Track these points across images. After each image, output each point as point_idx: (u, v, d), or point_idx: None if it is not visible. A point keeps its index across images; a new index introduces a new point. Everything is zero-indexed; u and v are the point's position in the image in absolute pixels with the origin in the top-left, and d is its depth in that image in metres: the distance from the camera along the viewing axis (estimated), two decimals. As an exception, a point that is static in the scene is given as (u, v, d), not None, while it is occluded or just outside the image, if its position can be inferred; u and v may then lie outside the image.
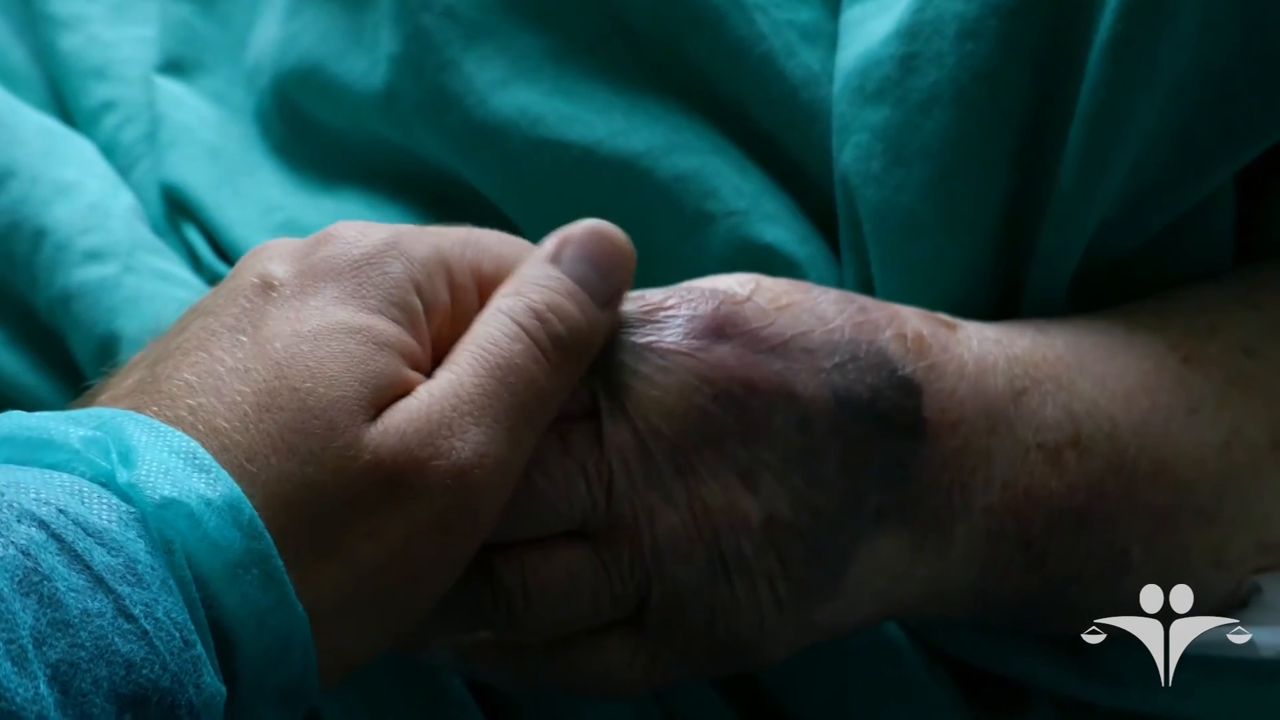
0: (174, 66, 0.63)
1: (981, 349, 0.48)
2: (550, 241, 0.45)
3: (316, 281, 0.42)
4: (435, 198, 0.58)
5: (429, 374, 0.42)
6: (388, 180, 0.58)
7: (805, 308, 0.46)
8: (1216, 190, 0.51)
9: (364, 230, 0.43)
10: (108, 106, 0.62)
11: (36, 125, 0.59)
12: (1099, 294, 0.52)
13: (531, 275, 0.44)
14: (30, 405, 0.56)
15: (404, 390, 0.41)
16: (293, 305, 0.41)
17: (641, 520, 0.44)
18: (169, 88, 0.62)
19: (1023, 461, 0.47)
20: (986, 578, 0.48)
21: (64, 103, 0.63)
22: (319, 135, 0.60)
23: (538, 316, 0.43)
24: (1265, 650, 0.48)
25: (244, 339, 0.40)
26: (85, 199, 0.57)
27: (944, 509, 0.46)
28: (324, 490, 0.38)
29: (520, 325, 0.43)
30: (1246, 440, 0.49)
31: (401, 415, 0.40)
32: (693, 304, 0.46)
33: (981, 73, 0.49)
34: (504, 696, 0.51)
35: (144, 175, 0.60)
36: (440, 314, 0.43)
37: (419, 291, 0.43)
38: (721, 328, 0.45)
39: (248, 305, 0.41)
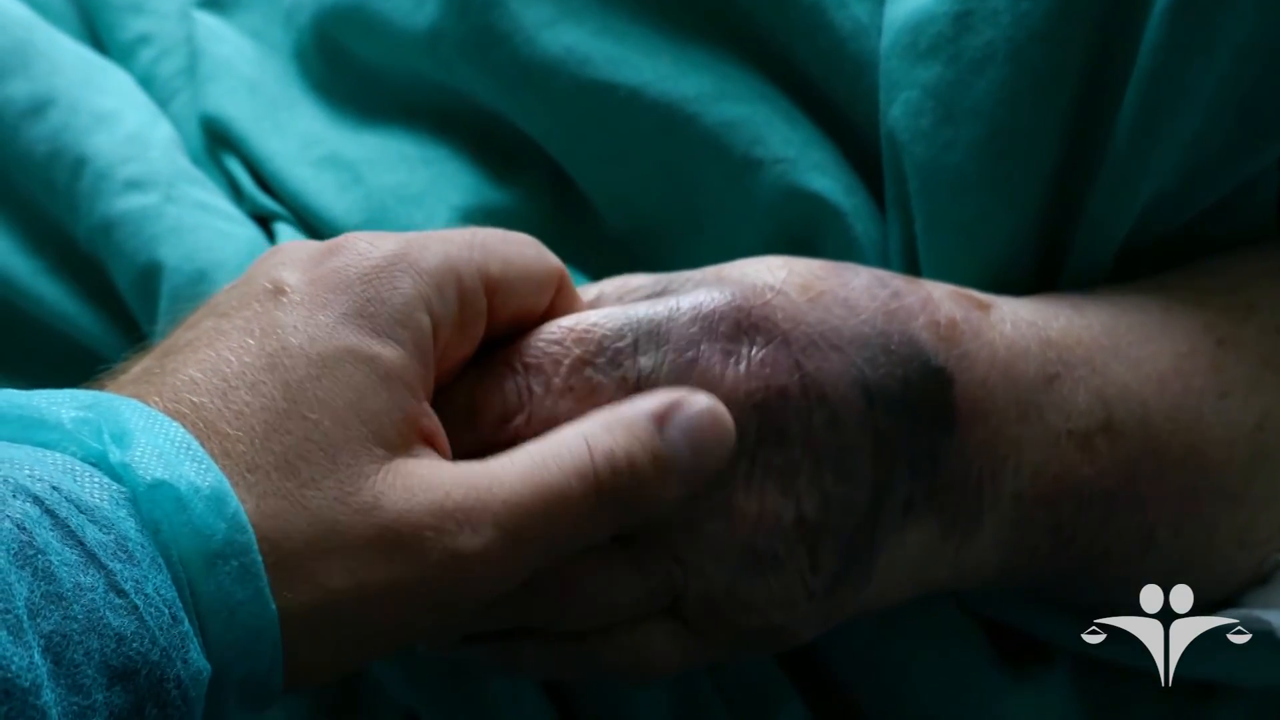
0: (212, 2, 0.63)
1: (1015, 332, 0.47)
2: (662, 398, 0.43)
3: (326, 292, 0.41)
4: (478, 136, 0.57)
5: (433, 392, 0.43)
6: (430, 118, 0.58)
7: (837, 297, 0.46)
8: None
9: (374, 241, 0.43)
10: (144, 40, 0.62)
11: (74, 55, 0.59)
12: (1142, 263, 0.51)
13: (631, 421, 0.43)
14: (72, 333, 0.57)
15: (411, 424, 0.41)
16: (302, 315, 0.41)
17: (678, 527, 0.44)
18: (208, 21, 0.62)
19: (1053, 448, 0.47)
20: (1014, 559, 0.48)
21: (99, 36, 0.63)
22: (360, 73, 0.60)
23: (613, 466, 0.42)
24: None
25: (251, 343, 0.40)
26: (125, 129, 0.57)
27: (973, 497, 0.46)
28: (316, 515, 0.38)
29: (594, 467, 0.42)
30: (1277, 423, 0.48)
31: (419, 480, 0.40)
32: (725, 309, 0.45)
33: (1037, 32, 0.48)
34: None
35: (182, 108, 0.60)
36: (449, 326, 0.43)
37: (428, 307, 0.42)
38: (752, 334, 0.45)
39: (259, 309, 0.41)
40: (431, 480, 0.40)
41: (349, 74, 0.60)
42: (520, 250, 0.45)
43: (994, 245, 0.50)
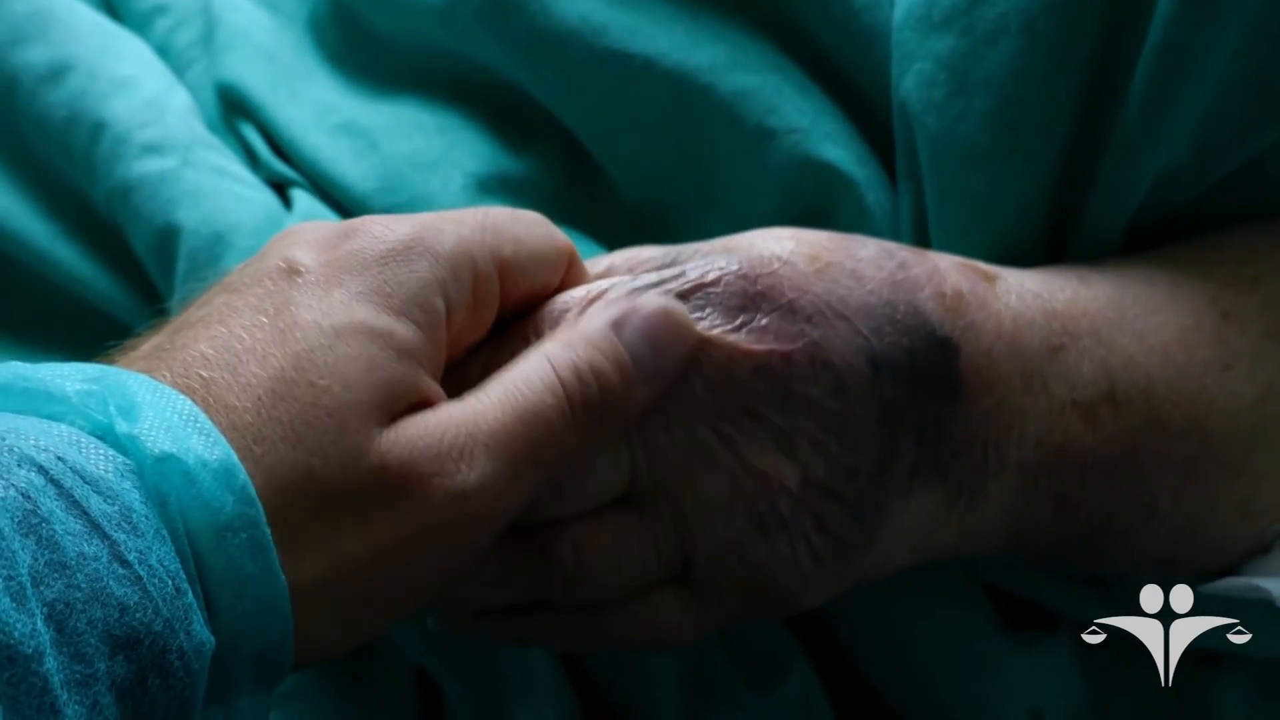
0: None
1: (1020, 304, 0.47)
2: (620, 307, 0.44)
3: (342, 274, 0.42)
4: (493, 105, 0.58)
5: (446, 376, 0.43)
6: (445, 87, 0.58)
7: (844, 268, 0.46)
8: None
9: (390, 225, 0.43)
10: (159, 10, 0.62)
11: (92, 22, 0.59)
12: (1153, 236, 0.51)
13: (589, 333, 0.44)
14: (88, 296, 0.57)
15: (419, 398, 0.41)
16: (316, 294, 0.41)
17: (684, 486, 0.45)
18: None
19: (1057, 418, 0.47)
20: (1017, 527, 0.48)
21: (114, 6, 0.63)
22: (375, 43, 0.60)
23: (579, 376, 0.43)
24: None
25: (264, 320, 0.40)
26: (143, 94, 0.57)
27: (978, 466, 0.46)
28: (324, 482, 0.39)
29: (559, 378, 0.43)
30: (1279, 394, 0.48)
31: (416, 428, 0.40)
32: (731, 278, 0.45)
33: (1051, 4, 0.48)
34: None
35: (198, 78, 0.61)
36: (463, 309, 0.43)
37: (443, 291, 0.42)
38: (758, 302, 0.45)
39: (272, 287, 0.41)
40: (426, 427, 0.40)
41: (364, 44, 0.60)
42: (530, 230, 0.45)
43: (1004, 216, 0.50)
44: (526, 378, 0.43)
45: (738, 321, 0.45)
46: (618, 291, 0.46)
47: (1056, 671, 0.52)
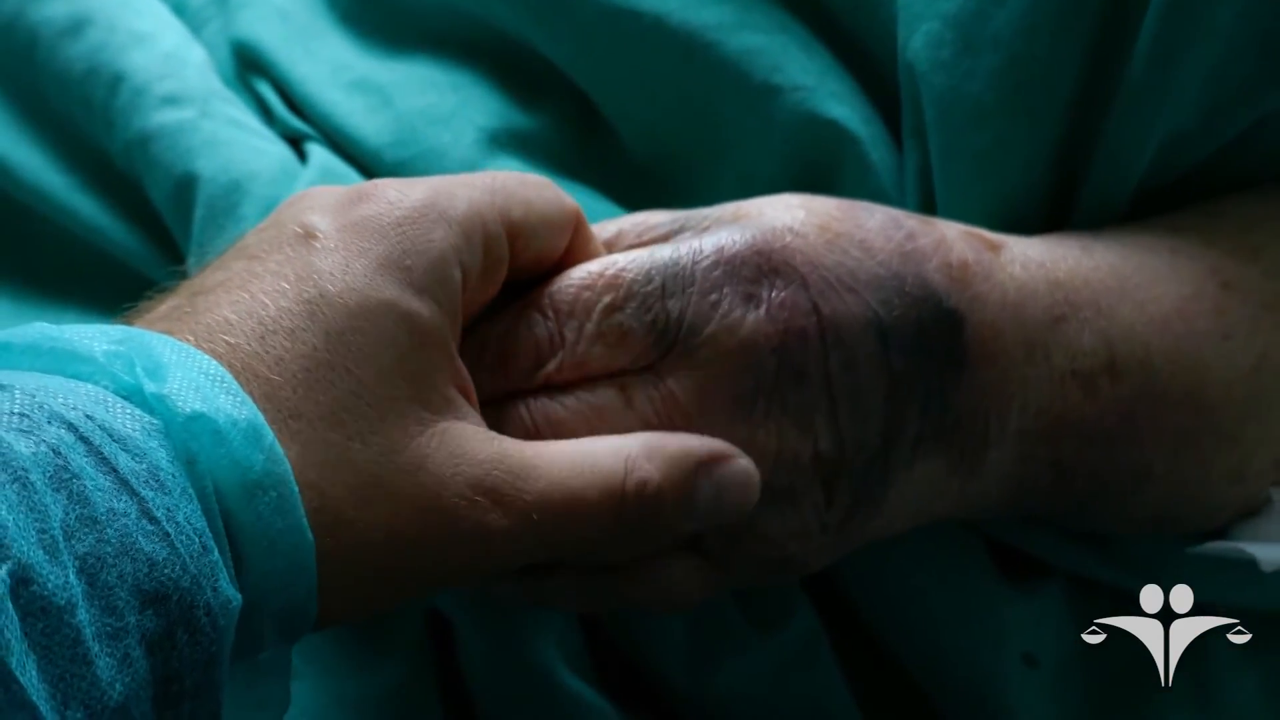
0: None
1: (1024, 274, 0.48)
2: (711, 446, 0.45)
3: (360, 239, 0.42)
4: (504, 63, 0.58)
5: (463, 340, 0.44)
6: (456, 46, 0.58)
7: (853, 239, 0.46)
8: None
9: (403, 189, 0.43)
10: None
11: None
12: (1158, 200, 0.51)
13: (675, 460, 0.44)
14: (106, 247, 0.58)
15: (447, 380, 0.42)
16: (337, 261, 0.41)
17: None
18: None
19: (1058, 388, 0.47)
20: (1015, 492, 0.49)
21: None
22: (387, 3, 0.60)
23: (641, 498, 0.43)
24: (1267, 566, 0.49)
25: (286, 286, 0.40)
26: (161, 48, 0.57)
27: (980, 434, 0.47)
28: (361, 467, 0.39)
29: (625, 490, 0.43)
30: (1275, 364, 0.49)
31: (464, 449, 0.41)
32: (746, 252, 0.46)
33: None
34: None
35: (213, 36, 0.61)
36: (475, 274, 0.44)
37: (459, 257, 0.43)
38: (772, 277, 0.45)
39: (291, 254, 0.41)
40: (475, 454, 0.41)
41: (376, 4, 0.60)
42: (539, 193, 0.46)
43: (1010, 174, 0.50)
44: (595, 466, 0.43)
45: (753, 299, 0.45)
46: (635, 268, 0.46)
47: (1050, 617, 0.52)
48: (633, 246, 0.48)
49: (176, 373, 0.37)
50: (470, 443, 0.41)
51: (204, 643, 0.35)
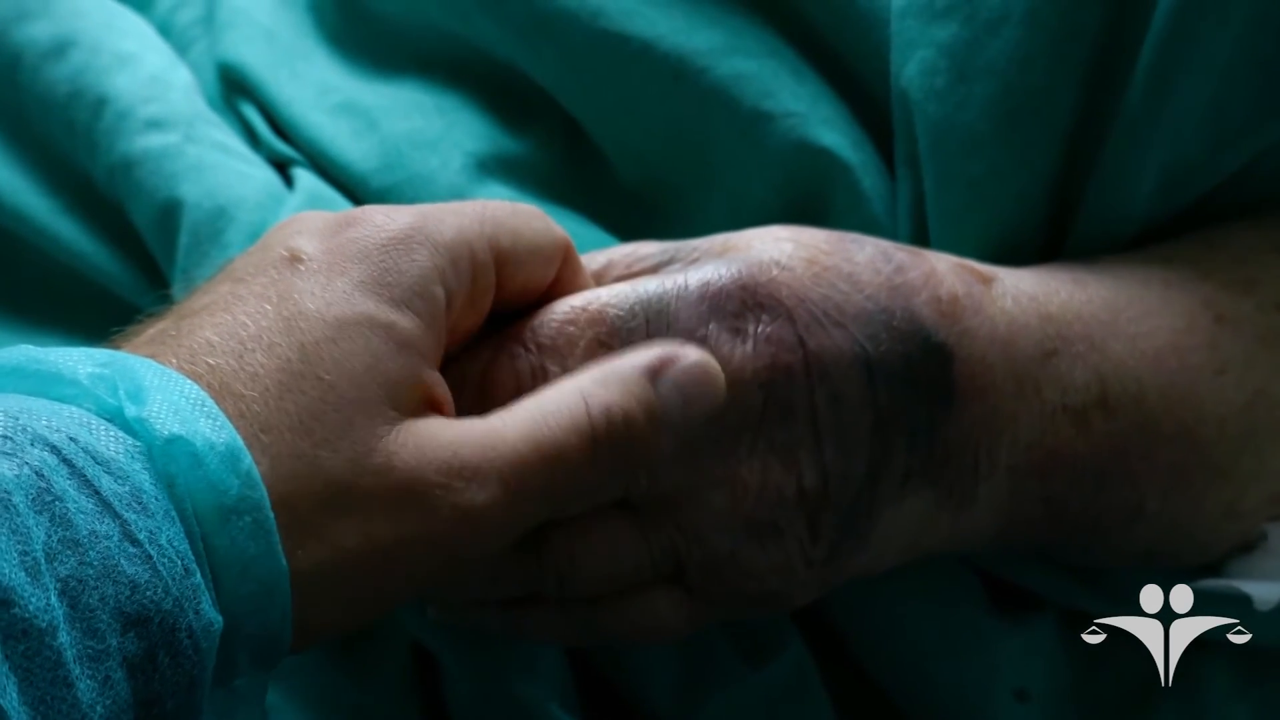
0: None
1: (1015, 308, 0.47)
2: (657, 351, 0.44)
3: (343, 261, 0.42)
4: (492, 86, 0.58)
5: (446, 368, 0.43)
6: (444, 69, 0.58)
7: (841, 272, 0.46)
8: None
9: (390, 214, 0.43)
10: None
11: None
12: (1159, 231, 0.51)
13: (625, 376, 0.44)
14: (88, 272, 0.57)
15: (423, 390, 0.42)
16: (319, 282, 0.41)
17: (683, 497, 0.45)
18: None
19: (1049, 423, 0.47)
20: (1006, 528, 0.48)
21: None
22: (375, 24, 0.60)
23: (609, 419, 0.43)
24: (1261, 605, 0.48)
25: (268, 308, 0.40)
26: (146, 70, 0.57)
27: (969, 469, 0.47)
28: (330, 475, 0.39)
29: (589, 418, 0.43)
30: (1269, 399, 0.49)
31: (429, 436, 0.41)
32: (732, 287, 0.45)
33: None
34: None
35: (199, 57, 0.61)
36: (461, 299, 0.44)
37: (443, 280, 0.43)
38: (758, 312, 0.45)
39: (275, 276, 0.41)
40: (441, 438, 0.41)
41: (364, 25, 0.60)
42: (528, 223, 0.46)
43: (1003, 203, 0.50)
44: (556, 411, 0.42)
45: (740, 333, 0.45)
46: (619, 303, 0.46)
47: (1042, 650, 0.52)
48: (622, 278, 0.48)
49: (157, 396, 0.37)
50: (435, 430, 0.41)
51: (186, 665, 0.35)
